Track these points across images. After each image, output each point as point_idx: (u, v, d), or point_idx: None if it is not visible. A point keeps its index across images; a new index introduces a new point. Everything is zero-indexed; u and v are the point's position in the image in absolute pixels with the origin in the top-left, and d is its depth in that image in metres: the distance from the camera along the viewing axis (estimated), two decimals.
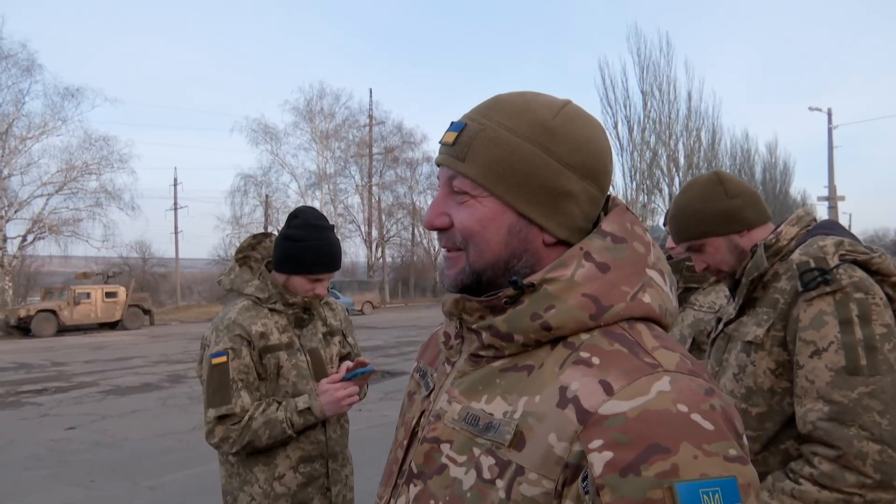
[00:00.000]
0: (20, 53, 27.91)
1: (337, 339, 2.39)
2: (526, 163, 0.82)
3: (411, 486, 0.86)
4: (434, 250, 45.59)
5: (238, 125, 60.52)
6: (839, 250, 1.51)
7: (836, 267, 1.48)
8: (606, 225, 0.85)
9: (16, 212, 28.22)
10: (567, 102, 0.87)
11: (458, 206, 0.86)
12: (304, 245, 2.15)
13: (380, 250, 41.99)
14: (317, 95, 40.01)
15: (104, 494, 5.38)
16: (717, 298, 2.43)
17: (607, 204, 0.90)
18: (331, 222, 2.27)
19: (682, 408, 0.69)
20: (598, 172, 0.85)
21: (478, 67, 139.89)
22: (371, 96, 42.02)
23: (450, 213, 0.86)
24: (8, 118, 27.70)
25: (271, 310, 2.20)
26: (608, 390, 0.72)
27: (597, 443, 0.69)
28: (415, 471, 0.86)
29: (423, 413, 0.92)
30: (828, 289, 1.47)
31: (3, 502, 5.24)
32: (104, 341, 20.03)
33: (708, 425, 0.69)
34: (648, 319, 0.83)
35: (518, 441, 0.75)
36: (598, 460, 0.68)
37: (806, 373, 1.46)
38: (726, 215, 1.69)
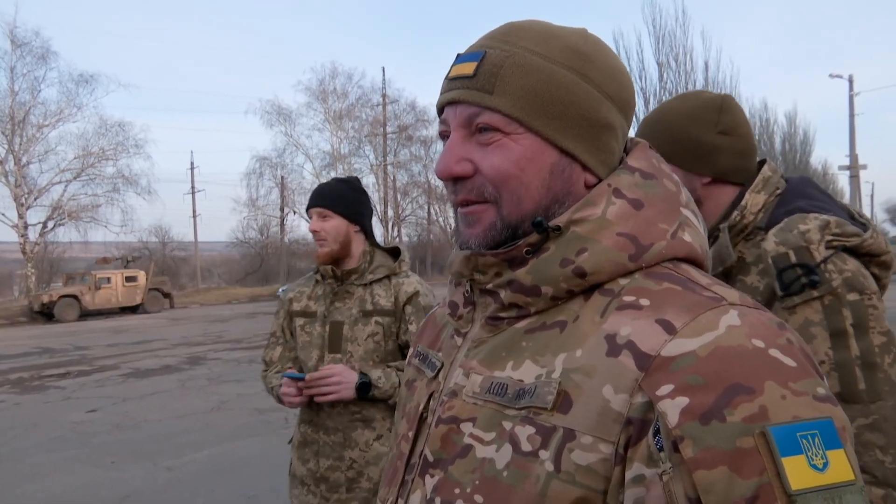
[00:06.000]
0: (34, 41, 27.99)
1: (374, 319, 2.23)
2: (566, 91, 0.73)
3: (427, 477, 0.75)
4: (450, 228, 45.59)
5: (252, 107, 60.73)
6: (825, 236, 1.21)
7: (824, 261, 1.19)
8: (633, 161, 0.77)
9: (35, 199, 28.50)
10: (586, 29, 0.79)
11: (485, 149, 0.74)
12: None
13: (396, 229, 42.00)
14: (329, 75, 39.73)
15: (124, 475, 5.46)
16: None
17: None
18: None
19: (758, 343, 0.60)
20: (630, 106, 0.78)
21: None
22: (384, 75, 41.66)
23: (472, 157, 0.75)
24: (25, 106, 27.85)
25: (318, 280, 2.36)
26: (669, 329, 0.63)
27: (666, 388, 0.59)
28: (430, 459, 0.75)
29: (431, 396, 0.81)
30: (815, 293, 1.18)
31: (28, 483, 5.34)
32: (125, 325, 20.31)
33: (789, 361, 0.60)
34: (691, 261, 0.74)
35: (563, 402, 0.65)
36: (672, 408, 0.58)
37: None
38: (700, 149, 1.37)
